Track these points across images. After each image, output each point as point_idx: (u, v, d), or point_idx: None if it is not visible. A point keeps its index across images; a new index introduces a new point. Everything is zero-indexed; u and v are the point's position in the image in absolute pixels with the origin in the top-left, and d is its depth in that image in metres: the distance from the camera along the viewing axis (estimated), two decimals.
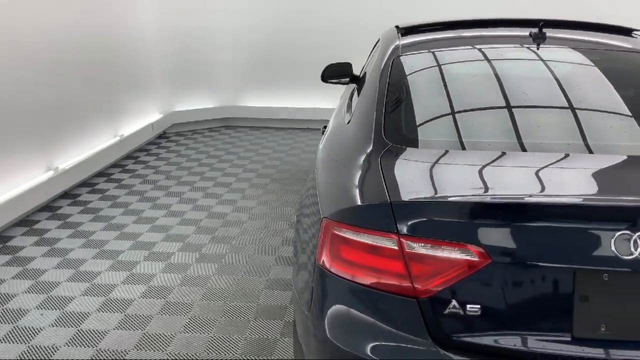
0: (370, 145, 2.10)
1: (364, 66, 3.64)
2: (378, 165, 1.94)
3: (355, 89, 3.08)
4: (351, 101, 2.92)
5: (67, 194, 4.78)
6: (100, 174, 5.30)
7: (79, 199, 4.70)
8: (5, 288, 3.31)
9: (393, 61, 2.63)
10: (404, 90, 2.49)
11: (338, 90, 4.18)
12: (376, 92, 2.43)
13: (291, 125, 7.18)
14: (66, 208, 4.50)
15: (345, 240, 1.77)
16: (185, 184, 5.09)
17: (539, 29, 2.62)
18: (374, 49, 3.52)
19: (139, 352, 2.74)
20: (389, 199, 1.72)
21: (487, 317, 1.62)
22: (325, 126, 3.17)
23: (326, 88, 4.51)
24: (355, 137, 2.31)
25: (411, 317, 1.66)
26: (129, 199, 4.71)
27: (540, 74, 2.58)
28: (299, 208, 2.45)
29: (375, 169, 1.93)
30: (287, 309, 3.09)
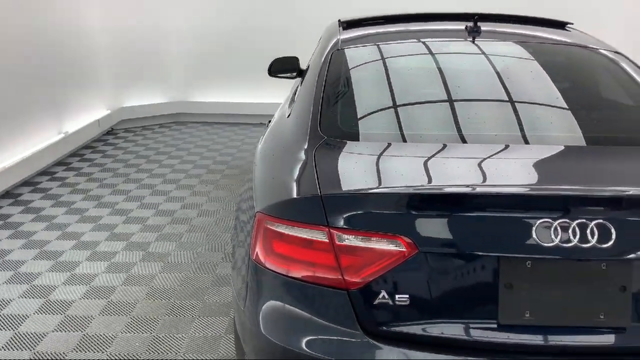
0: (306, 139, 2.10)
1: (309, 60, 3.63)
2: (312, 159, 1.94)
3: (299, 83, 3.07)
4: (295, 95, 2.92)
5: (8, 194, 4.62)
6: (44, 172, 5.15)
7: (20, 198, 4.55)
8: None
9: (332, 55, 2.63)
10: (342, 84, 2.50)
11: (291, 84, 4.16)
12: (314, 86, 2.43)
13: (244, 121, 7.11)
14: (6, 208, 4.35)
15: (277, 234, 1.76)
16: (132, 181, 4.99)
17: (473, 23, 2.66)
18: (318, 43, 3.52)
19: (78, 353, 2.68)
20: (319, 192, 1.72)
21: (415, 306, 1.64)
22: (270, 120, 3.16)
23: (279, 82, 4.48)
24: (292, 131, 2.30)
25: (342, 309, 1.67)
26: (72, 197, 4.58)
27: (475, 67, 2.63)
28: (237, 203, 2.43)
29: (308, 163, 1.93)
30: (232, 306, 3.07)
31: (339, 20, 3.24)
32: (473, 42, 2.65)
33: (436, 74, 2.57)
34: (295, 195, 1.80)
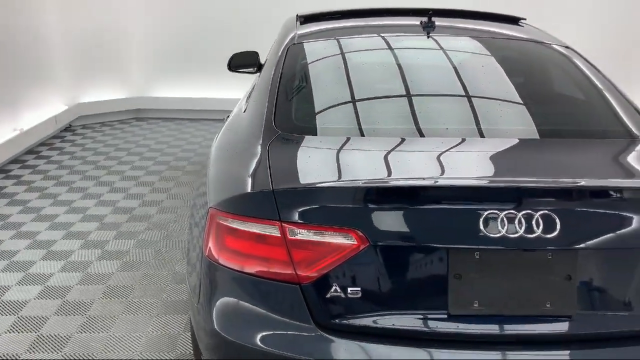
0: (261, 134, 2.09)
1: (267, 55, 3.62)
2: (265, 154, 1.93)
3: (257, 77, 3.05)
4: (252, 90, 2.90)
5: None
6: None
7: None
8: None
9: (288, 49, 2.63)
10: (297, 79, 2.49)
11: (252, 79, 4.13)
12: (270, 80, 2.42)
13: (207, 116, 7.02)
14: None
15: (230, 229, 1.75)
16: (90, 178, 4.88)
17: (428, 18, 2.69)
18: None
19: (32, 354, 2.61)
20: (271, 186, 1.72)
21: (367, 299, 1.65)
22: (228, 115, 3.14)
23: (243, 77, 4.44)
24: (247, 125, 2.29)
25: (295, 304, 1.67)
26: (27, 196, 4.46)
27: (430, 62, 2.66)
28: (192, 199, 2.41)
29: (262, 157, 1.92)
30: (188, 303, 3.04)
31: (297, 15, 3.23)
32: (428, 37, 2.67)
33: (392, 68, 2.59)
34: (247, 190, 1.79)
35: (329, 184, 1.74)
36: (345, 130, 2.18)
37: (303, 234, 1.65)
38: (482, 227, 1.60)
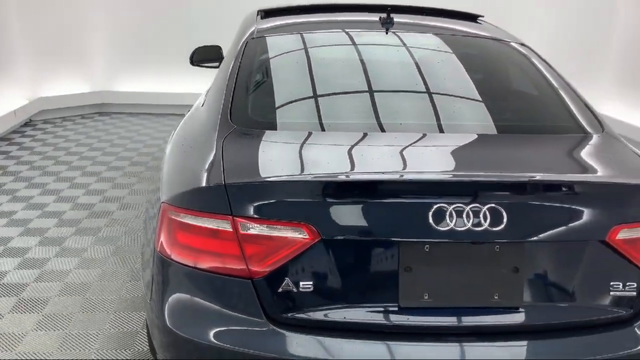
0: (216, 128, 2.07)
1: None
2: (220, 148, 1.92)
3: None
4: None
5: None
6: None
7: None
8: None
9: (247, 44, 2.61)
10: (255, 73, 2.48)
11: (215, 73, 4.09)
12: (227, 74, 2.41)
13: (171, 111, 6.92)
14: None
15: (182, 224, 1.74)
16: (49, 174, 4.78)
17: (386, 14, 2.70)
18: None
19: None
20: (224, 181, 1.71)
21: (319, 293, 1.66)
22: (188, 110, 3.10)
23: (207, 72, 4.39)
24: (203, 120, 2.27)
25: (247, 299, 1.67)
26: None
27: (388, 58, 2.67)
28: (148, 194, 2.38)
29: (216, 152, 1.91)
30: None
31: (258, 10, 3.21)
32: (387, 33, 2.69)
33: (351, 63, 2.59)
34: (199, 185, 1.78)
35: (281, 179, 1.74)
36: (303, 124, 2.17)
37: (255, 229, 1.65)
38: (431, 220, 1.62)
